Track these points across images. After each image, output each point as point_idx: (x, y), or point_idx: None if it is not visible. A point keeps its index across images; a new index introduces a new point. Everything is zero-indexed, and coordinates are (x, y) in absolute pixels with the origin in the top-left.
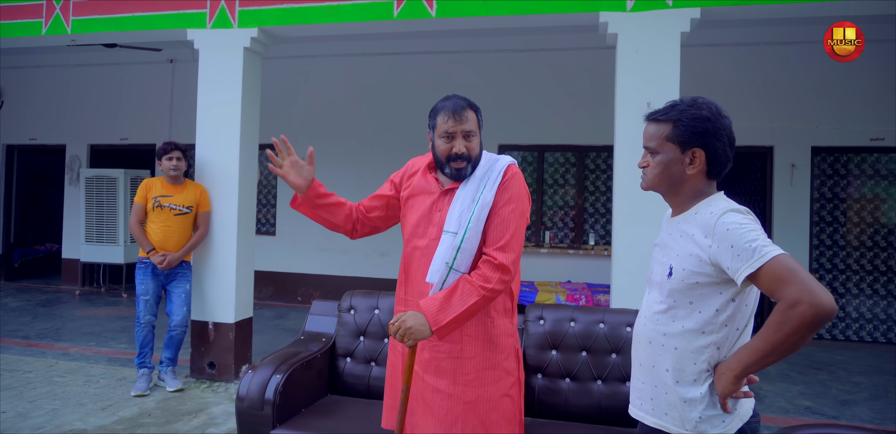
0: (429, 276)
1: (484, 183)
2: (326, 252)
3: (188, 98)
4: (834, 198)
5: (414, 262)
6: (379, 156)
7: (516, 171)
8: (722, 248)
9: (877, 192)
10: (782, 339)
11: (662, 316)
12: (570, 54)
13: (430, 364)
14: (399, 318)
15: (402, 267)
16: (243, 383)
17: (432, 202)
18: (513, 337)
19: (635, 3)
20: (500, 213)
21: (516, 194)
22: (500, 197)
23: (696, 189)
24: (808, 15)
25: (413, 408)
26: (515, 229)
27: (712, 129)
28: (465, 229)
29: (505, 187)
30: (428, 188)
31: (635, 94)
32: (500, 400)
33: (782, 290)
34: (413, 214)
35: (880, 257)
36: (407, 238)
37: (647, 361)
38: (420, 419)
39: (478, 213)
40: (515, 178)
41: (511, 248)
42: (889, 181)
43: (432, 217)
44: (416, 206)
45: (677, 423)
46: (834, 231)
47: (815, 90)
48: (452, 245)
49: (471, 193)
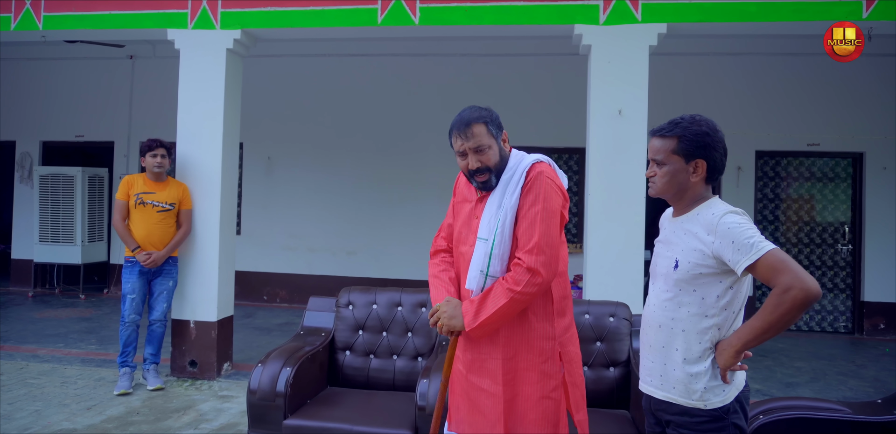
0: (467, 283)
1: (509, 187)
2: (292, 251)
3: (149, 95)
4: (775, 198)
5: (458, 266)
6: (344, 156)
7: (541, 170)
8: (724, 243)
9: (812, 192)
10: (777, 319)
11: (670, 303)
12: (535, 60)
13: (474, 364)
14: (439, 307)
15: (454, 270)
16: (254, 377)
17: (471, 209)
18: (554, 340)
19: (608, 16)
20: (528, 216)
21: (543, 194)
22: (526, 199)
23: (697, 193)
24: (763, 33)
25: (458, 404)
26: (544, 230)
27: (711, 142)
28: (494, 235)
29: (529, 189)
30: (469, 196)
31: (607, 101)
32: (539, 401)
33: (776, 278)
34: (458, 221)
35: (815, 253)
36: (455, 244)
37: (658, 343)
38: (466, 416)
39: (503, 218)
40: (540, 177)
41: (540, 251)
42: (823, 183)
43: (471, 224)
44: (459, 214)
45: (684, 395)
46: (775, 229)
47: (760, 98)
48: (485, 252)
49: (497, 199)
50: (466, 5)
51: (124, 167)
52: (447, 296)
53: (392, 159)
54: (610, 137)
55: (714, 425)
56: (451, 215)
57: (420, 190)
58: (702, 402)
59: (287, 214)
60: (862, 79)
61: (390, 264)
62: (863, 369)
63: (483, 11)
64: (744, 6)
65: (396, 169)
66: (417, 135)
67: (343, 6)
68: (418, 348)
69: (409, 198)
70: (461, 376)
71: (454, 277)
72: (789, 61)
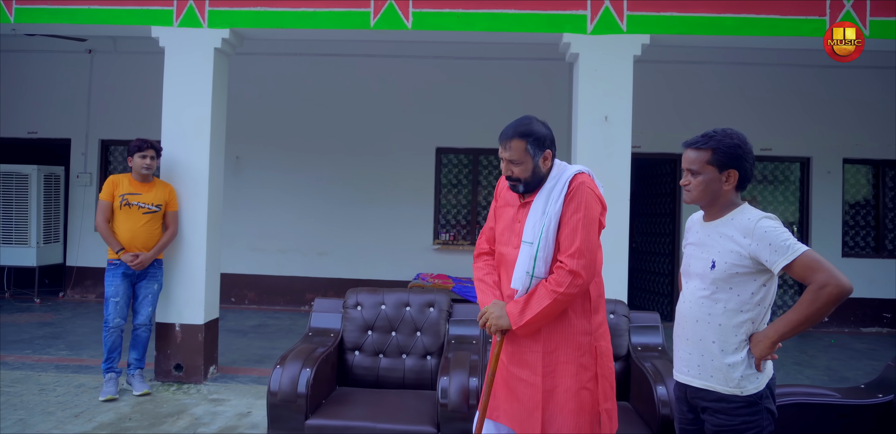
0: (513, 283)
1: (554, 195)
2: (261, 252)
3: (109, 91)
4: None
5: (501, 266)
6: (315, 157)
7: (582, 181)
8: (761, 245)
9: (765, 194)
10: (813, 312)
11: (707, 300)
12: (503, 63)
13: (515, 356)
14: (486, 309)
15: (496, 269)
16: (273, 379)
17: (514, 213)
18: (590, 335)
19: (595, 26)
20: (570, 223)
21: (584, 202)
22: (568, 207)
23: (728, 200)
24: (738, 45)
25: (497, 391)
26: (585, 236)
27: (742, 154)
28: (539, 240)
29: (572, 197)
30: (512, 201)
31: (594, 107)
32: (577, 392)
33: (812, 276)
34: (501, 224)
35: None
36: (497, 247)
37: (695, 336)
38: (502, 403)
39: (547, 224)
40: (581, 187)
41: (581, 254)
42: (774, 186)
43: (514, 227)
44: (503, 217)
45: (722, 383)
46: None
47: (717, 104)
48: (530, 255)
49: (541, 206)
50: (459, 11)
51: (82, 165)
52: (493, 299)
53: (365, 160)
54: (596, 141)
55: (749, 410)
56: (493, 219)
57: (393, 190)
58: (738, 389)
59: (256, 215)
60: (813, 88)
61: (363, 265)
62: (815, 359)
63: (475, 18)
64: (721, 20)
65: (369, 169)
66: (390, 135)
67: (336, 9)
68: (427, 347)
69: (382, 198)
70: (503, 366)
71: (497, 281)
72: (754, 71)
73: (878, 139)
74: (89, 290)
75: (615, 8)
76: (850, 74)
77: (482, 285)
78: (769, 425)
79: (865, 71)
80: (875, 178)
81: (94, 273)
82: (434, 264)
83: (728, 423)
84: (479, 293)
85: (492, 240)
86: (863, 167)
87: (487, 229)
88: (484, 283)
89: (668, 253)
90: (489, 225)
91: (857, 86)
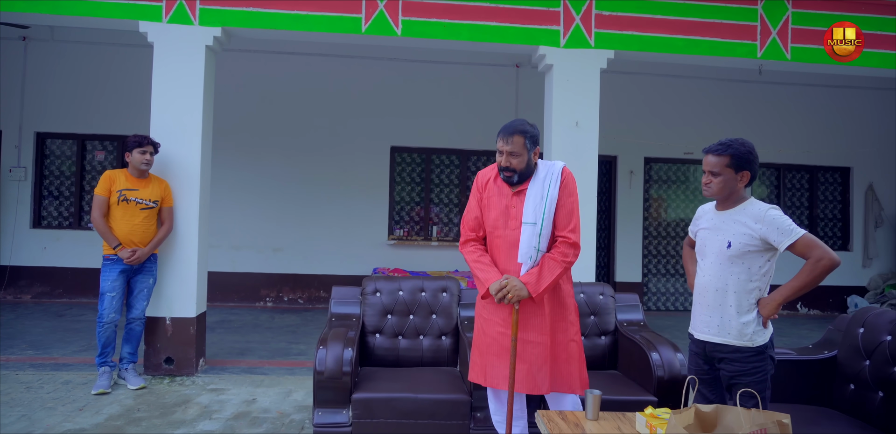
0: (520, 258)
1: (548, 183)
2: (215, 248)
3: (46, 82)
4: (658, 198)
5: (496, 248)
6: (270, 155)
7: (569, 172)
8: (770, 229)
9: (687, 193)
10: (811, 280)
11: (724, 272)
12: (464, 68)
13: (521, 322)
14: (504, 284)
15: (490, 252)
16: (319, 359)
17: (507, 201)
18: (571, 297)
19: (567, 40)
20: (566, 205)
21: (573, 189)
22: (563, 192)
23: (739, 194)
24: (687, 63)
25: (494, 362)
26: (577, 216)
27: (753, 159)
28: (542, 219)
29: (564, 185)
30: (501, 191)
31: (566, 113)
32: (568, 344)
33: (811, 252)
34: (491, 212)
35: None
36: (489, 231)
37: (715, 302)
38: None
39: (548, 206)
40: (571, 177)
41: (577, 230)
42: (695, 186)
43: (509, 213)
44: (492, 206)
45: (738, 338)
46: (658, 224)
47: (649, 111)
48: (534, 232)
49: (539, 192)
50: (446, 21)
51: (14, 159)
52: (504, 274)
53: (320, 158)
54: (568, 145)
55: (758, 357)
56: (478, 209)
57: (348, 188)
58: (751, 342)
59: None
60: (745, 100)
61: (319, 260)
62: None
63: (460, 28)
64: (674, 41)
65: (325, 167)
66: (346, 134)
67: (328, 13)
68: (442, 328)
69: (338, 195)
70: (504, 336)
71: (492, 260)
72: (692, 84)
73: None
74: (24, 291)
75: (584, 25)
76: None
77: (480, 265)
78: (772, 368)
79: (793, 88)
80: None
81: (30, 272)
82: (389, 259)
83: (742, 368)
84: (480, 272)
85: (476, 228)
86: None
87: (471, 219)
88: (481, 263)
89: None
90: (472, 215)
91: (785, 99)
